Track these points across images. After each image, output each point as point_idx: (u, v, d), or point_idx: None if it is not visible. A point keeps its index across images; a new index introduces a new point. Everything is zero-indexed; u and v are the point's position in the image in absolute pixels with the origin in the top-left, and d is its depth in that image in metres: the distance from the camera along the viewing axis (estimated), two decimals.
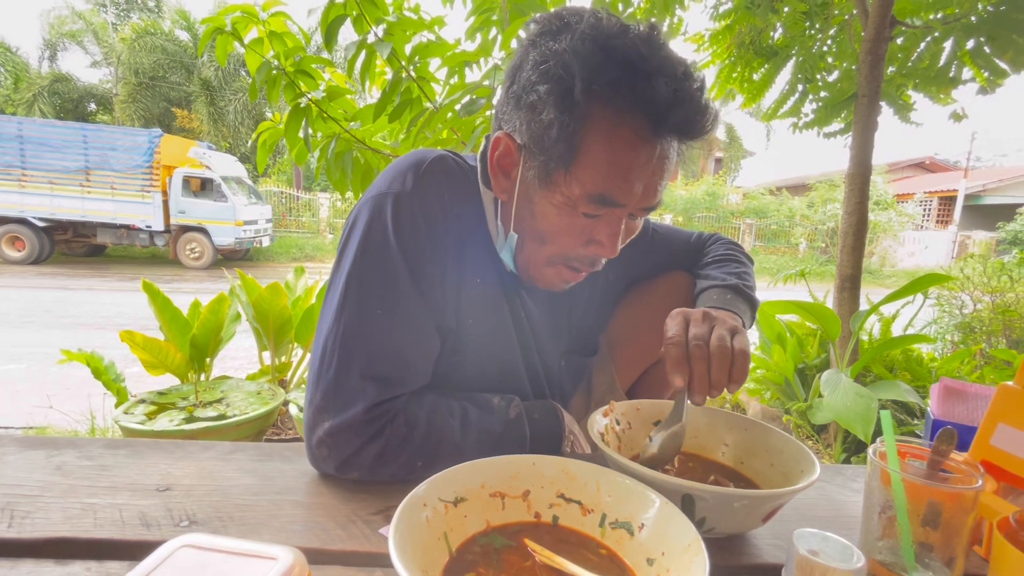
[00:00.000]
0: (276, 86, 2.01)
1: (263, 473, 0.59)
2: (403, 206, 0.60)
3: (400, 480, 0.57)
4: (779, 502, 0.47)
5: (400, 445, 0.57)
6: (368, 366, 0.57)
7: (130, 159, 9.09)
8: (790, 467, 0.55)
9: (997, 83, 2.74)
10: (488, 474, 0.48)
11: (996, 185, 15.38)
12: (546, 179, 0.57)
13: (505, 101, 0.60)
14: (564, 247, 0.61)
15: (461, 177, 0.65)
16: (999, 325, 2.86)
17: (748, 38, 3.22)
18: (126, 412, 1.97)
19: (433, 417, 0.59)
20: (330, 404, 0.56)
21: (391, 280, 0.59)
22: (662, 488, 0.46)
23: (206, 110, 14.18)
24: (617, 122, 0.53)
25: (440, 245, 0.61)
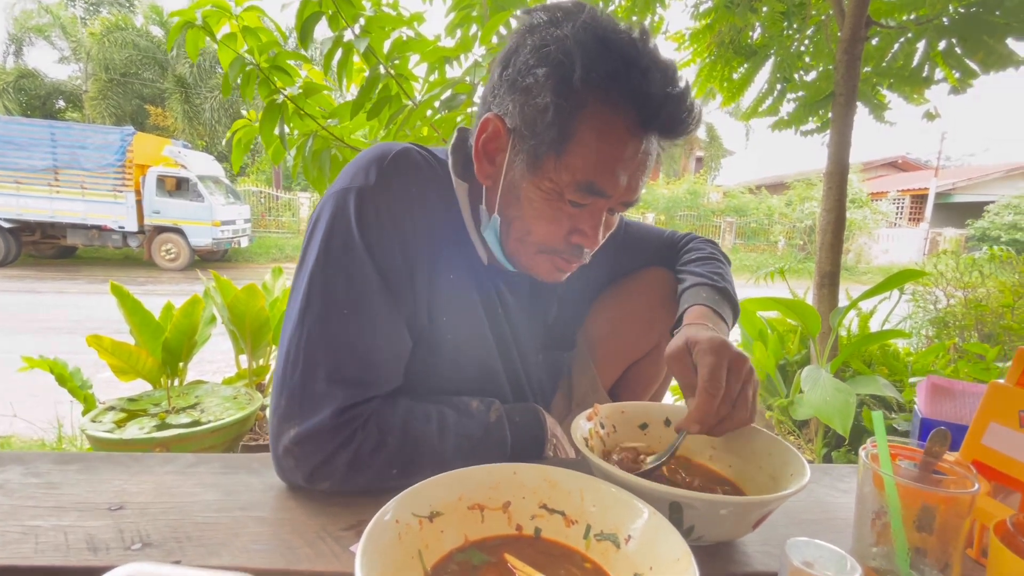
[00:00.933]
0: (250, 82, 1.95)
1: (226, 487, 0.55)
2: (367, 201, 0.57)
3: (374, 489, 0.54)
4: (769, 508, 0.45)
5: (373, 451, 0.54)
6: (335, 369, 0.54)
7: (101, 158, 8.81)
8: (779, 470, 0.53)
9: (968, 84, 2.81)
10: (466, 485, 0.45)
11: (965, 184, 15.85)
12: (535, 164, 0.57)
13: (498, 84, 0.59)
14: (548, 236, 0.60)
15: (428, 170, 0.63)
16: (972, 320, 2.93)
17: (728, 37, 3.25)
18: (93, 420, 1.89)
19: (408, 421, 0.57)
20: (296, 410, 0.53)
21: (356, 279, 0.56)
22: (648, 496, 0.44)
23: (181, 108, 13.83)
24: (610, 113, 0.54)
25: (408, 241, 0.59)
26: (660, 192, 15.78)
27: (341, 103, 2.13)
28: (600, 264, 0.81)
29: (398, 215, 0.58)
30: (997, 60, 2.59)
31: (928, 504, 0.41)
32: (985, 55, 2.63)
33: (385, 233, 0.57)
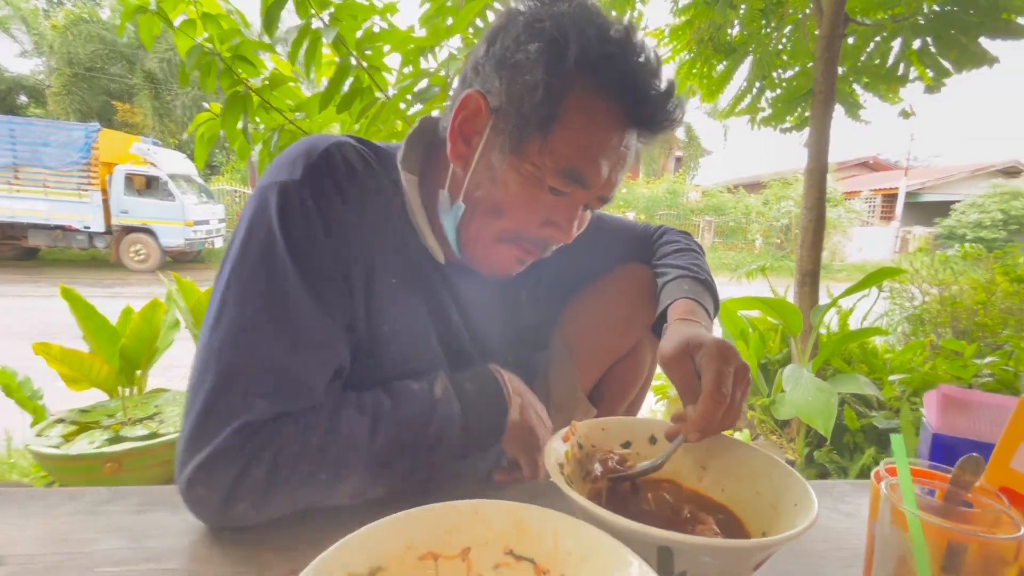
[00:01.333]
0: (211, 72, 1.84)
1: (139, 530, 0.47)
2: (291, 197, 0.50)
3: (309, 507, 0.48)
4: (773, 551, 0.39)
5: (294, 458, 0.46)
6: (250, 385, 0.46)
7: (65, 155, 8.48)
8: (779, 495, 0.47)
9: (941, 83, 2.84)
10: (415, 531, 0.37)
11: (934, 183, 16.32)
12: (518, 145, 0.53)
13: (482, 61, 0.56)
14: (520, 223, 0.56)
15: (365, 164, 0.56)
16: (947, 316, 2.95)
17: (707, 34, 3.23)
18: (39, 435, 1.76)
19: (335, 417, 0.49)
20: (203, 432, 0.45)
21: (276, 283, 0.48)
22: (634, 538, 0.37)
23: (150, 104, 13.40)
24: (600, 99, 0.53)
25: (339, 241, 0.52)
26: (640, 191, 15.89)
27: (310, 96, 2.03)
28: (572, 259, 0.77)
29: (327, 213, 0.51)
30: (970, 59, 2.62)
31: (957, 543, 0.35)
32: (959, 54, 2.65)
33: (311, 233, 0.50)
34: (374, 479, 0.50)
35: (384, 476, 0.50)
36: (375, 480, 0.50)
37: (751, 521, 0.49)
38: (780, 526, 0.44)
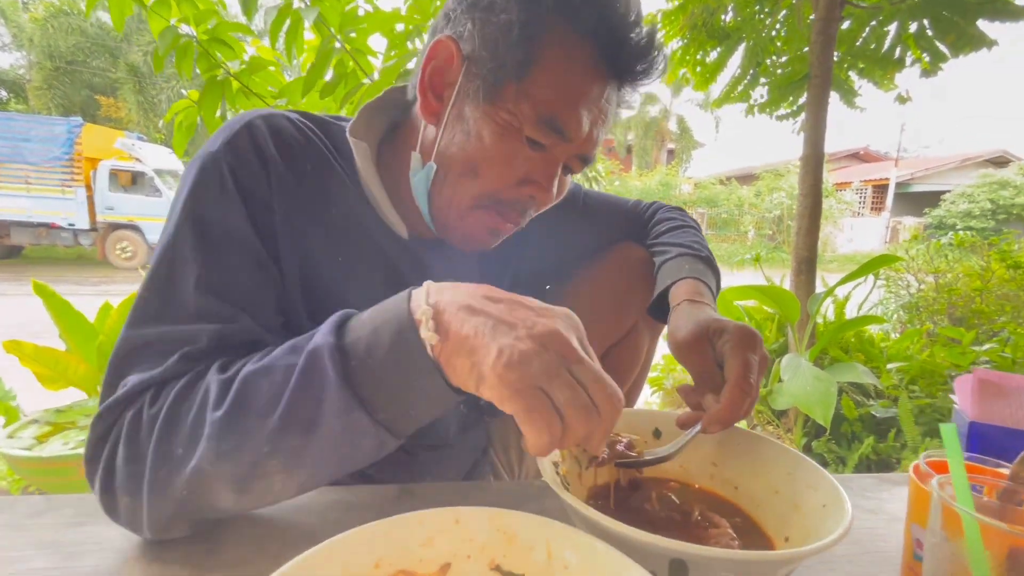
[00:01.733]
0: (187, 56, 1.76)
1: (71, 546, 0.41)
2: (208, 168, 0.45)
3: (206, 503, 0.38)
4: (799, 563, 0.33)
5: (142, 432, 0.38)
6: (121, 365, 0.42)
7: (47, 151, 8.30)
8: (803, 495, 0.42)
9: (938, 67, 2.80)
10: (385, 544, 0.32)
11: (923, 173, 16.40)
12: (492, 92, 0.49)
13: (454, 6, 0.51)
14: (497, 181, 0.51)
15: (298, 135, 0.51)
16: (943, 304, 2.93)
17: (701, 19, 3.17)
18: (11, 436, 1.68)
19: (194, 381, 0.39)
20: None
21: (170, 255, 0.43)
22: (642, 550, 0.31)
23: (135, 98, 13.13)
24: (579, 42, 0.49)
25: (262, 211, 0.46)
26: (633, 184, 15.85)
27: (292, 80, 1.95)
28: (559, 239, 0.73)
29: (246, 182, 0.46)
30: (968, 42, 2.58)
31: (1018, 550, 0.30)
32: (956, 37, 2.62)
33: (225, 205, 0.45)
34: (236, 446, 0.36)
35: (247, 446, 0.36)
36: (237, 448, 0.36)
37: (769, 524, 0.43)
38: (805, 530, 0.38)
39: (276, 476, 0.37)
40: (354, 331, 0.36)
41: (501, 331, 0.33)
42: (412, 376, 0.34)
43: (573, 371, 0.32)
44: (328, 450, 0.36)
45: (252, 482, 0.37)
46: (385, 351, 0.34)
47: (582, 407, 0.32)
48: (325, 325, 0.38)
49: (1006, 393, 0.45)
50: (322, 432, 0.35)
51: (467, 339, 0.33)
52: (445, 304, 0.35)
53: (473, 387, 0.33)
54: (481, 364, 0.32)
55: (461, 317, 0.34)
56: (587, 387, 0.32)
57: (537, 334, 0.32)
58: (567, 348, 0.33)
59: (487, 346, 0.32)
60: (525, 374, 0.31)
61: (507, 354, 0.31)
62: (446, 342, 0.34)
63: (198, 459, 0.36)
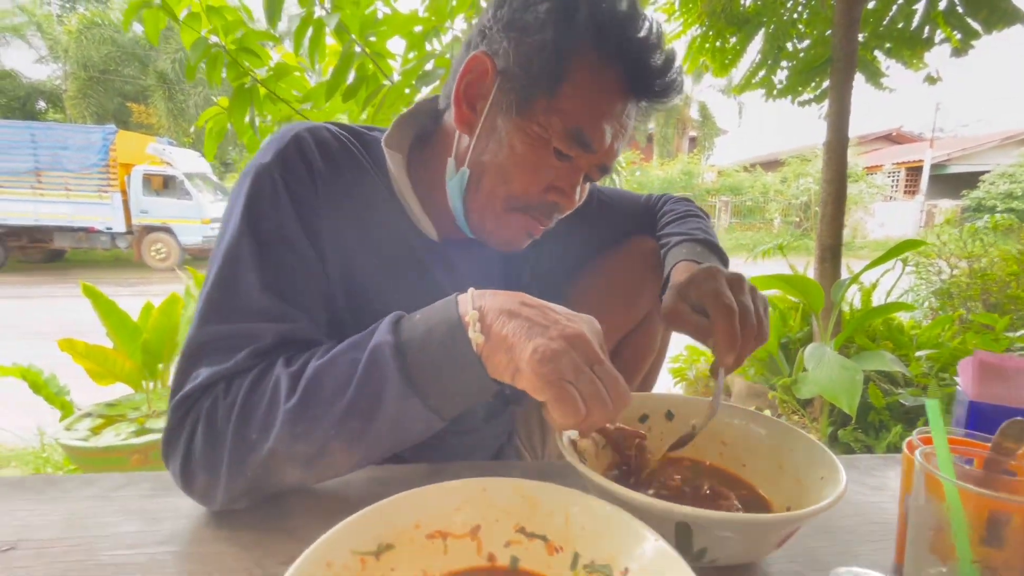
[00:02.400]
0: (217, 65, 1.84)
1: (151, 514, 0.47)
2: (262, 179, 0.50)
3: (273, 481, 0.44)
4: (797, 525, 0.37)
5: (220, 418, 0.44)
6: (192, 357, 0.47)
7: (84, 158, 8.65)
8: (804, 471, 0.45)
9: (969, 45, 2.70)
10: (423, 509, 0.36)
11: (960, 154, 15.73)
12: (525, 106, 0.54)
13: (489, 24, 0.56)
14: (526, 187, 0.56)
15: (339, 146, 0.56)
16: (977, 290, 2.85)
17: (719, 6, 3.12)
18: (68, 428, 1.81)
19: (263, 373, 0.45)
20: (167, 419, 0.46)
21: (232, 259, 0.48)
22: (650, 514, 0.35)
23: (164, 105, 13.56)
24: (605, 63, 0.53)
25: (311, 218, 0.52)
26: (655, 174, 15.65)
27: (316, 85, 2.01)
28: (575, 235, 0.76)
29: (297, 191, 0.51)
30: (1001, 18, 2.49)
31: (998, 514, 0.33)
32: (988, 13, 2.52)
33: (279, 213, 0.50)
34: (307, 431, 0.42)
35: (316, 430, 0.42)
36: (308, 432, 0.42)
37: (775, 496, 0.47)
38: (806, 501, 0.42)
39: (338, 455, 0.43)
40: (408, 330, 0.42)
41: (536, 332, 0.39)
42: (460, 369, 0.40)
43: (594, 369, 0.39)
44: (385, 432, 0.42)
45: (318, 460, 0.43)
46: (437, 348, 0.41)
47: (599, 399, 0.38)
48: (383, 325, 0.43)
49: (1005, 374, 0.47)
50: (381, 416, 0.41)
51: (506, 338, 0.39)
52: (488, 309, 0.41)
53: (510, 378, 0.40)
54: (518, 359, 0.38)
55: (502, 320, 0.40)
56: (604, 383, 0.39)
57: (567, 335, 0.39)
58: (591, 350, 0.39)
59: (523, 345, 0.38)
60: (555, 368, 0.37)
61: (540, 351, 0.38)
62: (488, 341, 0.40)
63: (273, 442, 0.42)
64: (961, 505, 0.32)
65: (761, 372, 2.80)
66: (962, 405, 0.48)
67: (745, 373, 2.84)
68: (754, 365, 2.81)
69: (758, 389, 2.73)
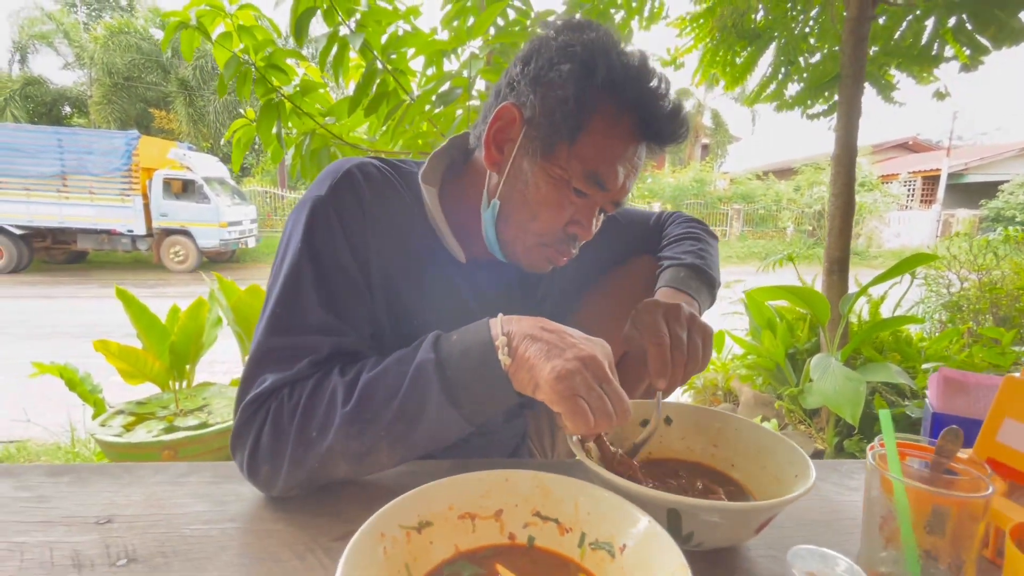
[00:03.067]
0: (246, 81, 1.94)
1: (217, 497, 0.54)
2: (319, 211, 0.58)
3: (326, 473, 0.52)
4: (772, 513, 0.43)
5: (286, 416, 0.51)
6: (257, 367, 0.55)
7: (108, 162, 8.87)
8: (783, 469, 0.51)
9: (978, 60, 2.73)
10: (455, 494, 0.43)
11: (978, 163, 15.53)
12: (548, 151, 0.61)
13: (517, 78, 0.63)
14: (550, 221, 0.63)
15: (383, 180, 0.64)
16: (986, 303, 2.86)
17: (730, 21, 3.18)
18: (102, 425, 1.91)
19: (322, 380, 0.53)
20: (236, 417, 0.54)
21: (293, 283, 0.56)
22: (645, 502, 0.42)
23: (185, 110, 13.89)
24: (619, 114, 0.60)
25: (360, 246, 0.60)
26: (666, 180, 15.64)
27: (339, 100, 2.11)
28: (586, 252, 0.83)
29: (349, 223, 0.59)
30: (1009, 35, 2.51)
31: (940, 506, 0.39)
32: (997, 30, 2.55)
33: (333, 242, 0.58)
34: (359, 432, 0.49)
35: (368, 432, 0.49)
36: (360, 433, 0.49)
37: (758, 492, 0.53)
38: (783, 494, 0.48)
39: (384, 453, 0.51)
40: (446, 349, 0.50)
41: (554, 353, 0.47)
42: (490, 385, 0.49)
43: (603, 387, 0.46)
44: (425, 435, 0.50)
45: (366, 457, 0.51)
46: (472, 367, 0.49)
47: (605, 413, 0.46)
48: (425, 343, 0.51)
49: (967, 388, 0.53)
50: (424, 422, 0.49)
51: (528, 359, 0.47)
52: (514, 333, 0.49)
53: (532, 392, 0.48)
54: (538, 377, 0.46)
55: (526, 344, 0.48)
56: (611, 399, 0.46)
57: (581, 357, 0.46)
58: (601, 370, 0.47)
59: (542, 365, 0.46)
60: (569, 385, 0.45)
61: (557, 370, 0.45)
62: (514, 362, 0.48)
63: (330, 440, 0.50)
64: (906, 499, 0.39)
65: (768, 382, 2.84)
66: (928, 416, 0.54)
67: (752, 382, 2.87)
68: (761, 375, 2.85)
69: (765, 398, 2.77)
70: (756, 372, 2.83)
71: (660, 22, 2.96)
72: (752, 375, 2.85)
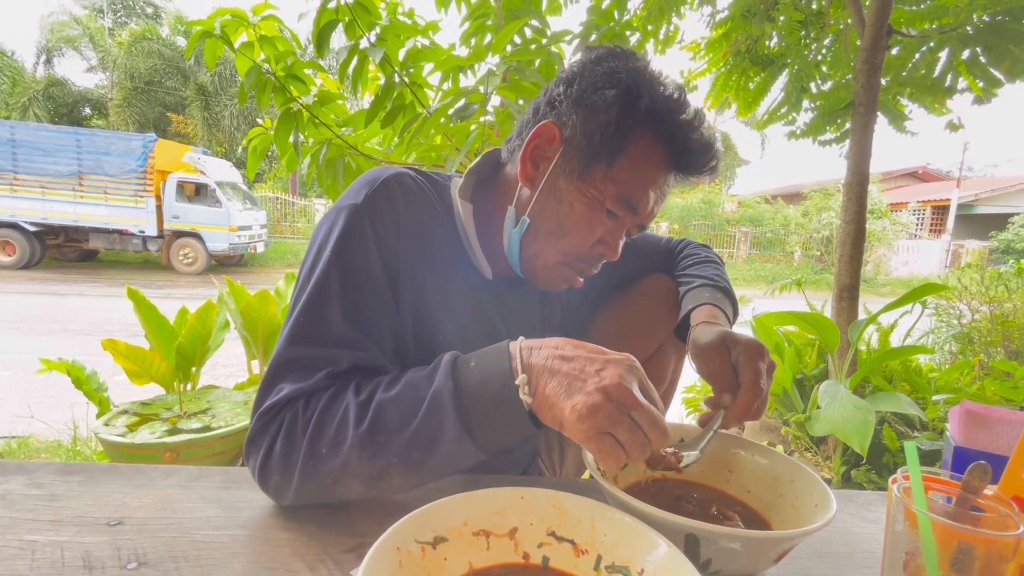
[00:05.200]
0: (266, 91, 1.98)
1: (228, 503, 0.54)
2: (353, 219, 0.58)
3: (337, 489, 0.51)
4: (792, 543, 0.42)
5: (299, 429, 0.51)
6: (275, 376, 0.54)
7: (124, 164, 9.01)
8: (802, 498, 0.50)
9: (992, 93, 2.74)
10: (471, 510, 0.43)
11: (989, 195, 15.50)
12: (585, 172, 0.62)
13: (559, 98, 0.64)
14: (580, 241, 0.64)
15: (419, 192, 0.64)
16: (998, 336, 2.83)
17: (744, 47, 3.22)
18: (106, 424, 1.91)
19: (336, 395, 0.52)
20: (252, 423, 0.54)
21: (320, 289, 0.56)
22: (664, 526, 0.41)
23: (201, 115, 14.13)
24: (657, 142, 0.62)
25: (391, 256, 0.60)
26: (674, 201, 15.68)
27: (355, 111, 2.14)
28: (602, 271, 0.83)
29: (383, 233, 0.59)
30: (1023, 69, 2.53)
31: (967, 544, 0.38)
32: (1011, 64, 2.57)
33: (366, 250, 0.58)
34: (372, 455, 0.48)
35: (381, 455, 0.48)
36: (373, 456, 0.48)
37: (774, 520, 0.52)
38: (801, 524, 0.47)
39: (397, 478, 0.50)
40: (464, 375, 0.49)
41: (575, 388, 0.44)
42: (511, 420, 0.47)
43: (633, 416, 0.43)
44: (439, 463, 0.49)
45: (378, 481, 0.50)
46: (490, 400, 0.47)
47: (638, 443, 0.43)
48: (442, 369, 0.49)
49: (990, 423, 0.52)
50: (438, 451, 0.48)
51: (549, 397, 0.45)
52: (534, 367, 0.47)
53: (557, 428, 0.45)
54: (560, 416, 0.44)
55: (545, 379, 0.46)
56: (643, 426, 0.43)
57: (603, 387, 0.43)
58: (628, 397, 0.43)
59: (563, 404, 0.44)
60: (594, 424, 0.42)
61: (579, 409, 0.42)
62: (535, 400, 0.46)
63: (342, 458, 0.49)
64: (932, 534, 0.38)
65: (775, 407, 2.80)
66: (949, 450, 0.53)
67: None
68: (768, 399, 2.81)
69: (772, 424, 2.73)
70: None
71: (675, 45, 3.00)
72: None
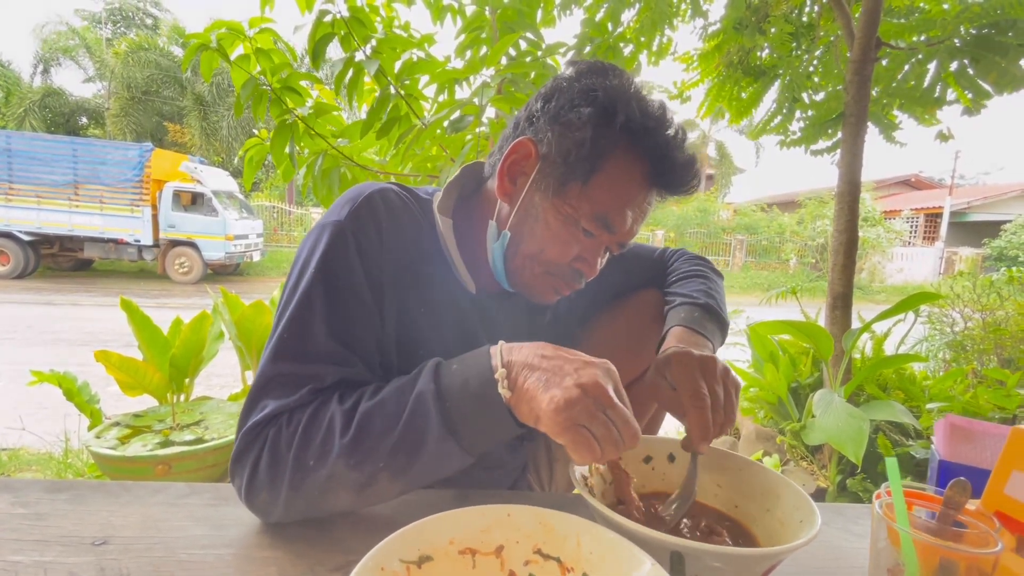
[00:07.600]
0: (262, 102, 1.99)
1: (216, 521, 0.54)
2: (337, 235, 0.58)
3: (326, 503, 0.51)
4: (777, 560, 0.42)
5: (284, 444, 0.50)
6: (260, 392, 0.54)
7: (120, 173, 9.01)
8: (788, 513, 0.51)
9: (981, 104, 2.78)
10: (456, 529, 0.43)
11: (981, 202, 15.64)
12: (560, 189, 0.61)
13: (536, 114, 0.64)
14: (557, 257, 0.64)
15: (403, 208, 0.65)
16: (991, 344, 2.85)
17: (736, 58, 3.26)
18: (98, 436, 1.89)
19: (320, 407, 0.52)
20: (237, 441, 0.54)
21: (305, 304, 0.56)
22: (649, 544, 0.42)
23: (199, 125, 14.16)
24: (634, 160, 0.61)
25: (375, 271, 0.59)
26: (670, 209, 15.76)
27: (351, 123, 2.15)
28: (593, 282, 0.83)
29: (366, 249, 0.59)
30: (1011, 81, 2.57)
31: (948, 560, 0.38)
32: (998, 76, 2.61)
33: (349, 265, 0.58)
34: (358, 463, 0.49)
35: (368, 462, 0.49)
36: (360, 464, 0.49)
37: (761, 535, 0.52)
38: (787, 540, 0.47)
39: (385, 484, 0.50)
40: (446, 377, 0.50)
41: (553, 383, 0.45)
42: (490, 418, 0.48)
43: (607, 413, 0.45)
44: (425, 467, 0.49)
45: (367, 488, 0.50)
46: (472, 399, 0.48)
47: (611, 440, 0.45)
48: (424, 373, 0.51)
49: (973, 436, 0.53)
50: (423, 454, 0.48)
51: (527, 391, 0.46)
52: (514, 363, 0.48)
53: (534, 423, 0.47)
54: (538, 409, 0.46)
55: (524, 374, 0.47)
56: (616, 424, 0.45)
57: (581, 383, 0.45)
58: (603, 395, 0.45)
59: (541, 396, 0.45)
60: (569, 416, 0.44)
61: (556, 401, 0.44)
62: (514, 394, 0.47)
63: (329, 469, 0.49)
64: (914, 551, 0.38)
65: (770, 416, 2.81)
66: (934, 463, 0.54)
67: (754, 416, 2.84)
68: (763, 408, 2.82)
69: (767, 433, 2.73)
70: (758, 405, 2.80)
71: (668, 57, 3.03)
72: (754, 408, 2.82)
